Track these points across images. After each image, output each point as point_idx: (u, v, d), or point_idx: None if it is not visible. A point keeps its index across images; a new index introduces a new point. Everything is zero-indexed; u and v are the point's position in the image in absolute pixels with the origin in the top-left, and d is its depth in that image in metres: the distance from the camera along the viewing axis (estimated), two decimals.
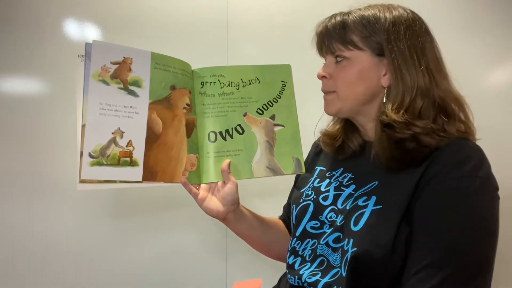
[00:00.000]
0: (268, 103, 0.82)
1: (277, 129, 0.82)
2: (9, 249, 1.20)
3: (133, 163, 0.71)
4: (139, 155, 0.72)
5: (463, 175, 0.61)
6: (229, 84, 0.81)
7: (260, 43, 1.30)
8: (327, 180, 0.81)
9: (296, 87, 0.84)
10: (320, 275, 0.70)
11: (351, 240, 0.65)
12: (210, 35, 1.28)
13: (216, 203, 0.79)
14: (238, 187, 0.78)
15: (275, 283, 0.88)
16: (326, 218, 0.75)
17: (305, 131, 0.85)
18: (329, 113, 0.78)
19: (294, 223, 0.82)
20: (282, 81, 0.84)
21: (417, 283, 0.60)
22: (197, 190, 0.79)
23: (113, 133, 0.70)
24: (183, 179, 0.76)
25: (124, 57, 0.72)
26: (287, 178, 0.89)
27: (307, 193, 0.82)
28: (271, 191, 1.27)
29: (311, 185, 0.83)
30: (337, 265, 0.68)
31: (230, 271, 1.30)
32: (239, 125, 0.80)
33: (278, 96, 0.83)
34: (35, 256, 1.21)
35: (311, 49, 0.80)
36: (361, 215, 0.67)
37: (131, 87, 0.72)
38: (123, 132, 0.71)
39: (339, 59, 0.73)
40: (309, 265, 0.74)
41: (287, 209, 0.98)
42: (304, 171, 0.82)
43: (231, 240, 1.29)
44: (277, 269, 0.96)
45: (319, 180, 0.83)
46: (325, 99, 0.77)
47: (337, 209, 0.73)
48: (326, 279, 0.69)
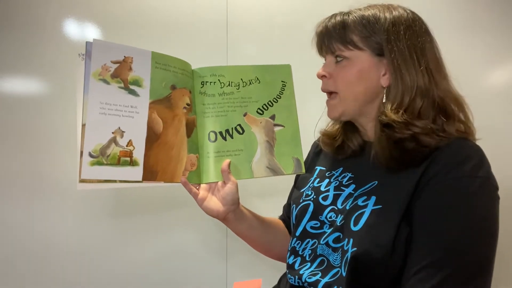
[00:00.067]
0: (268, 103, 0.82)
1: (277, 129, 0.82)
2: (9, 249, 1.20)
3: (133, 163, 0.71)
4: (139, 154, 0.72)
5: (463, 175, 0.61)
6: (229, 84, 0.81)
7: (260, 43, 1.30)
8: (327, 180, 0.81)
9: (296, 87, 0.84)
10: (320, 275, 0.70)
11: (351, 240, 0.65)
12: (210, 35, 1.28)
13: (216, 203, 0.79)
14: (238, 187, 0.78)
15: (275, 283, 0.88)
16: (326, 218, 0.75)
17: (305, 131, 0.85)
18: (332, 117, 0.78)
19: (294, 223, 0.82)
20: (282, 81, 0.84)
21: (417, 283, 0.60)
22: (197, 190, 0.79)
23: (113, 133, 0.70)
24: (183, 179, 0.76)
25: (124, 56, 0.72)
26: (287, 178, 0.89)
27: (307, 193, 0.82)
28: (271, 191, 1.27)
29: (311, 185, 0.83)
30: (337, 265, 0.68)
31: (230, 271, 1.29)
32: (239, 125, 0.80)
33: (278, 96, 0.83)
34: (35, 256, 1.21)
35: (311, 49, 0.80)
36: (361, 215, 0.67)
37: (132, 87, 0.72)
38: (123, 131, 0.71)
39: (339, 59, 0.73)
40: (309, 265, 0.74)
41: (287, 209, 0.98)
42: (304, 171, 0.82)
43: (231, 240, 1.29)
44: (277, 269, 0.96)
45: (319, 180, 0.83)
46: (328, 104, 0.77)
47: (337, 209, 0.73)
48: (326, 279, 0.69)
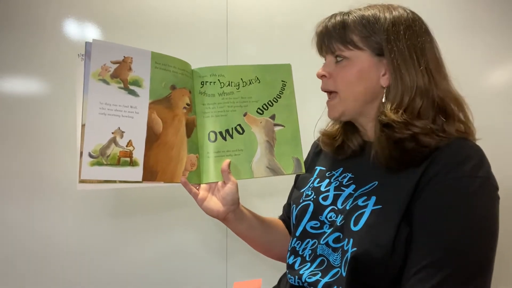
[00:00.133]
0: (268, 103, 0.82)
1: (277, 129, 0.82)
2: (9, 249, 1.20)
3: (133, 163, 0.71)
4: (139, 155, 0.72)
5: (463, 175, 0.61)
6: (229, 83, 0.81)
7: (260, 43, 1.30)
8: (327, 180, 0.81)
9: (296, 87, 0.84)
10: (320, 275, 0.70)
11: (351, 240, 0.65)
12: (210, 35, 1.28)
13: (216, 203, 0.79)
14: (238, 187, 0.78)
15: (275, 283, 0.88)
16: (326, 218, 0.75)
17: (305, 131, 0.85)
18: (332, 118, 0.78)
19: (294, 223, 0.81)
20: (282, 80, 0.84)
21: (417, 283, 0.60)
22: (197, 190, 0.79)
23: (113, 133, 0.70)
24: (183, 179, 0.76)
25: (124, 57, 0.72)
26: (287, 178, 0.89)
27: (307, 193, 0.82)
28: (271, 191, 1.27)
29: (311, 185, 0.83)
30: (337, 265, 0.68)
31: (230, 271, 1.29)
32: (239, 125, 0.80)
33: (278, 96, 0.83)
34: (35, 256, 1.21)
35: (311, 49, 0.80)
36: (361, 215, 0.67)
37: (131, 87, 0.72)
38: (123, 132, 0.71)
39: (339, 59, 0.73)
40: (309, 265, 0.74)
41: (287, 209, 0.98)
42: (304, 171, 0.82)
43: (231, 240, 1.29)
44: (277, 269, 0.96)
45: (319, 180, 0.83)
46: (328, 105, 0.77)
47: (337, 209, 0.73)
48: (326, 279, 0.69)
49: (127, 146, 0.71)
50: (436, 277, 0.58)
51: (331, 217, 0.74)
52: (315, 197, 0.79)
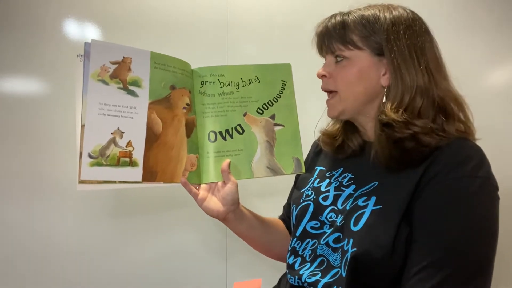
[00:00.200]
0: (268, 103, 0.82)
1: (277, 128, 0.82)
2: (9, 249, 1.20)
3: (132, 164, 0.71)
4: (138, 155, 0.71)
5: (463, 175, 0.61)
6: (229, 83, 0.81)
7: (260, 43, 1.30)
8: (327, 180, 0.81)
9: (296, 87, 0.84)
10: (320, 275, 0.70)
11: (351, 240, 0.65)
12: (210, 35, 1.27)
13: (216, 203, 0.79)
14: (238, 187, 0.78)
15: (275, 283, 0.88)
16: (326, 218, 0.75)
17: (305, 131, 0.85)
18: (332, 116, 0.78)
19: (294, 223, 0.81)
20: (282, 80, 0.83)
21: (417, 283, 0.60)
22: (197, 190, 0.79)
23: (112, 133, 0.70)
24: (183, 179, 0.76)
25: (123, 57, 0.72)
26: (287, 178, 0.89)
27: (307, 193, 0.82)
28: (271, 191, 1.27)
29: (311, 185, 0.83)
30: (337, 265, 0.68)
31: (230, 271, 1.29)
32: (239, 125, 0.80)
33: (278, 95, 0.83)
34: (35, 256, 1.21)
35: (311, 49, 0.80)
36: (361, 215, 0.67)
37: (131, 87, 0.72)
38: (122, 132, 0.71)
39: (339, 59, 0.73)
40: (309, 265, 0.74)
41: (287, 209, 0.98)
42: (304, 171, 0.82)
43: (231, 240, 1.29)
44: (277, 269, 0.96)
45: (319, 180, 0.83)
46: (328, 104, 0.77)
47: (337, 209, 0.73)
48: (326, 279, 0.69)
49: (126, 146, 0.71)
50: (436, 277, 0.58)
51: (331, 217, 0.74)
52: (315, 197, 0.79)
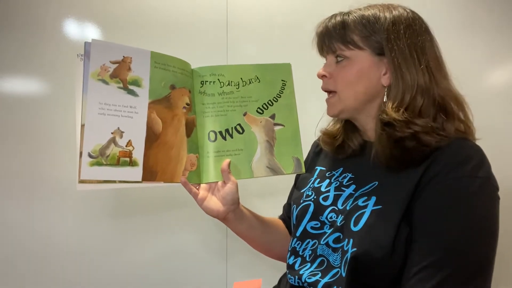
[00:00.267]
0: (268, 102, 0.82)
1: (277, 128, 0.82)
2: (9, 249, 1.20)
3: (132, 163, 0.71)
4: (138, 155, 0.71)
5: (463, 175, 0.61)
6: (229, 83, 0.81)
7: (260, 43, 1.30)
8: (327, 180, 0.80)
9: (296, 87, 0.84)
10: (320, 275, 0.70)
11: (351, 240, 0.65)
12: (210, 35, 1.27)
13: (216, 202, 0.79)
14: (238, 186, 0.78)
15: (275, 283, 0.88)
16: (326, 218, 0.74)
17: (305, 131, 0.85)
18: (331, 115, 0.78)
19: (294, 223, 0.81)
20: (282, 80, 0.83)
21: (417, 283, 0.59)
22: (197, 190, 0.79)
23: (112, 133, 0.70)
24: (183, 179, 0.76)
25: (123, 56, 0.72)
26: (287, 178, 0.89)
27: (307, 193, 0.82)
28: (271, 191, 1.27)
29: (311, 186, 0.83)
30: (337, 265, 0.68)
31: (230, 271, 1.29)
32: (239, 125, 0.80)
33: (278, 95, 0.83)
34: (35, 256, 1.21)
35: (311, 49, 0.80)
36: (361, 215, 0.67)
37: (131, 87, 0.72)
38: (122, 132, 0.71)
39: (339, 58, 0.73)
40: (309, 265, 0.74)
41: (287, 209, 0.98)
42: (304, 171, 0.82)
43: (231, 240, 1.29)
44: (277, 269, 0.96)
45: (319, 180, 0.83)
46: (327, 102, 0.77)
47: (337, 209, 0.73)
48: (326, 279, 0.69)
49: (126, 146, 0.71)
50: (436, 277, 0.58)
51: (331, 218, 0.74)
52: (315, 197, 0.79)
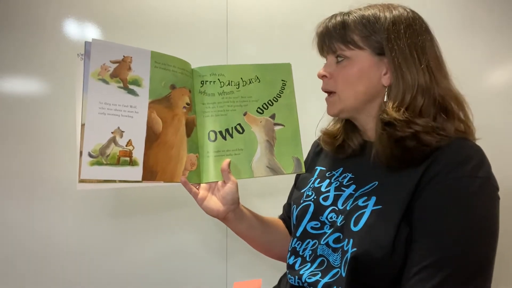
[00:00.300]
0: (268, 102, 0.82)
1: (277, 128, 0.82)
2: (9, 249, 1.20)
3: (132, 163, 0.71)
4: (138, 154, 0.71)
5: (463, 175, 0.61)
6: (229, 83, 0.81)
7: (260, 43, 1.30)
8: (327, 180, 0.80)
9: (296, 87, 0.84)
10: (320, 275, 0.70)
11: (351, 240, 0.65)
12: (210, 35, 1.28)
13: (216, 202, 0.79)
14: (238, 186, 0.78)
15: (275, 283, 0.88)
16: (326, 218, 0.74)
17: (305, 131, 0.85)
18: (331, 114, 0.78)
19: (294, 223, 0.81)
20: (282, 80, 0.83)
21: (417, 283, 0.59)
22: (197, 189, 0.79)
23: (112, 133, 0.70)
24: (183, 178, 0.76)
25: (123, 56, 0.72)
26: (287, 177, 0.89)
27: (307, 193, 0.82)
28: (271, 190, 1.27)
29: (312, 186, 0.83)
30: (337, 265, 0.68)
31: (230, 271, 1.29)
32: (239, 124, 0.80)
33: (278, 95, 0.83)
34: (35, 256, 1.21)
35: (311, 49, 0.80)
36: (361, 215, 0.67)
37: (131, 86, 0.72)
38: (122, 131, 0.71)
39: (339, 58, 0.73)
40: (309, 265, 0.74)
41: (287, 209, 0.98)
42: (304, 171, 0.82)
43: (231, 240, 1.29)
44: (277, 269, 0.96)
45: (319, 180, 0.83)
46: (327, 101, 0.77)
47: (337, 209, 0.73)
48: (326, 279, 0.69)
49: (126, 145, 0.71)
50: (436, 277, 0.58)
51: (331, 218, 0.73)
52: (315, 197, 0.79)
